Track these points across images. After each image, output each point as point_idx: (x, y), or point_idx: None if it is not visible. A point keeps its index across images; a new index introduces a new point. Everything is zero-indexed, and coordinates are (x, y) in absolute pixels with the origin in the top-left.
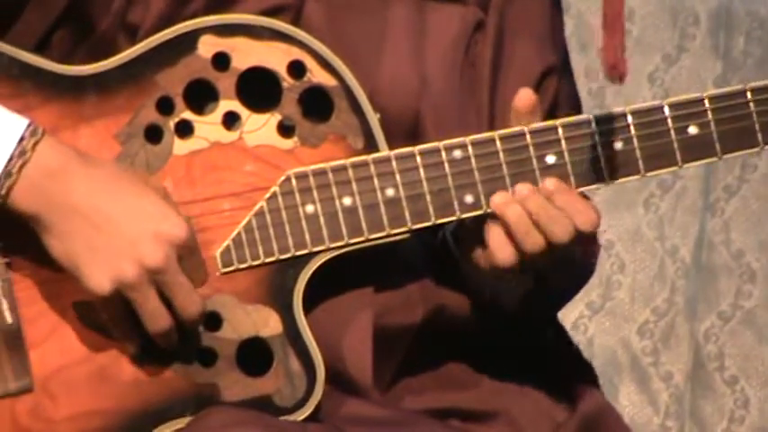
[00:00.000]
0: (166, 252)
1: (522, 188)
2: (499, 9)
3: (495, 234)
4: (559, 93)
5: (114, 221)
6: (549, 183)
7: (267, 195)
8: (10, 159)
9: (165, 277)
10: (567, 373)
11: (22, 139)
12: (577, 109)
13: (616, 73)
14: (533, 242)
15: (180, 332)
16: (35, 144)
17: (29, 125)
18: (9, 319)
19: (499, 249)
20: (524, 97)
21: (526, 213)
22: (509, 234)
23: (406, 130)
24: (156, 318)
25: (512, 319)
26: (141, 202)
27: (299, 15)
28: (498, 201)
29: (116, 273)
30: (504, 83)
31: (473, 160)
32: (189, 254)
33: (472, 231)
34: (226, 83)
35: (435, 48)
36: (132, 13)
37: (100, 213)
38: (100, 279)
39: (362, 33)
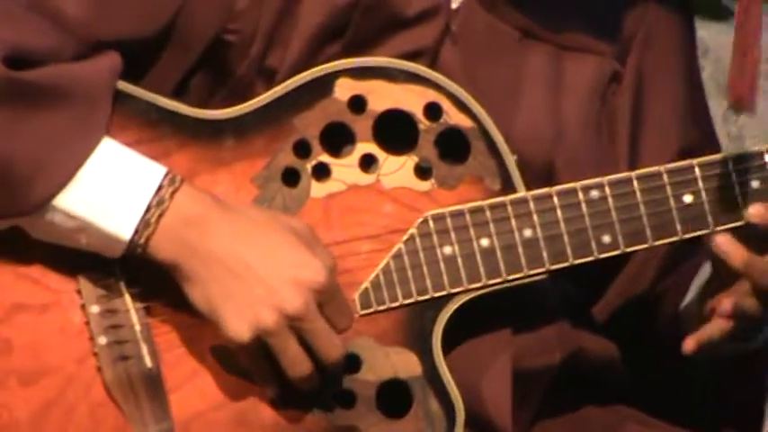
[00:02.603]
0: (306, 298)
1: None
2: (637, 63)
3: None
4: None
5: (253, 268)
6: None
7: (405, 237)
8: (148, 209)
9: (304, 324)
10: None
11: (160, 187)
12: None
13: (742, 105)
14: None
15: (319, 375)
16: (173, 193)
17: (167, 174)
18: (149, 363)
19: None
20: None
21: None
22: None
23: (539, 179)
24: (297, 364)
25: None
26: (280, 249)
27: (435, 59)
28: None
29: (255, 320)
30: (643, 153)
31: (610, 200)
32: (330, 298)
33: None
34: (362, 125)
35: (572, 98)
36: (271, 56)
37: (239, 261)
38: (239, 327)
39: (498, 80)
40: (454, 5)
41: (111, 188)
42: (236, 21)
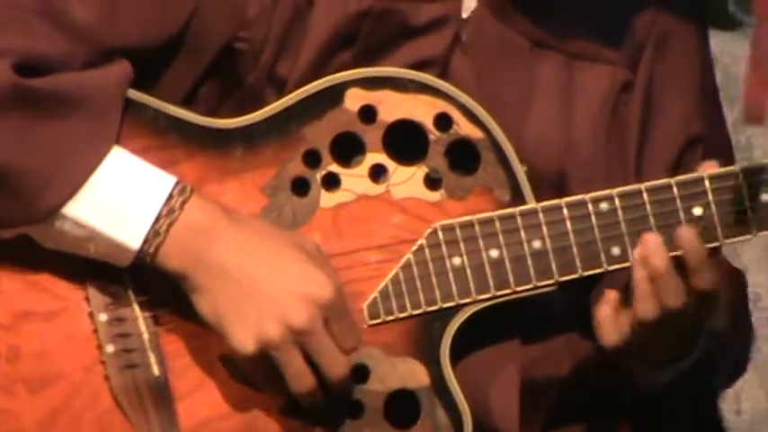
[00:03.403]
0: (311, 313)
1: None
2: (648, 71)
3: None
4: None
5: (260, 281)
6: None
7: (414, 248)
8: (158, 218)
9: (309, 338)
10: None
11: (170, 197)
12: (730, 162)
13: (754, 116)
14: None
15: (325, 390)
16: (183, 203)
17: (177, 183)
18: (156, 371)
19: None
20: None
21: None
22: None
23: (550, 188)
24: (300, 378)
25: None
26: (288, 263)
27: (446, 69)
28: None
29: (261, 333)
30: (650, 147)
31: (620, 212)
32: (337, 315)
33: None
34: (372, 135)
35: (583, 107)
36: (281, 65)
37: (246, 273)
38: (244, 339)
39: (510, 89)
40: (465, 15)
41: (120, 197)
42: (248, 28)
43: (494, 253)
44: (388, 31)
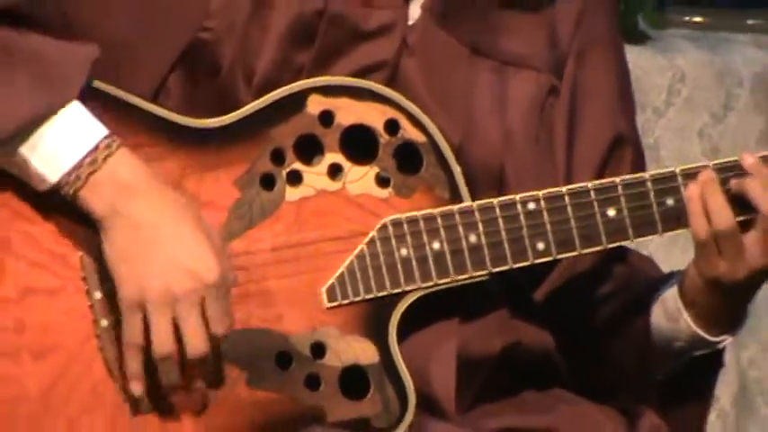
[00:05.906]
0: (194, 286)
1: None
2: (572, 76)
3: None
4: (634, 157)
5: (162, 244)
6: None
7: (366, 240)
8: (80, 165)
9: (183, 307)
10: (629, 394)
11: (95, 148)
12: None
13: None
14: None
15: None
16: (107, 157)
17: (106, 137)
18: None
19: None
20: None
21: None
22: None
23: (492, 181)
24: (163, 343)
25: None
26: (189, 237)
27: (396, 72)
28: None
29: (145, 286)
30: (578, 145)
31: (545, 213)
32: (215, 298)
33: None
34: (330, 138)
35: (515, 108)
36: (247, 58)
37: (150, 232)
38: (131, 287)
39: (455, 92)
40: (410, 22)
41: (53, 138)
42: (211, 18)
43: (436, 246)
44: (342, 35)
